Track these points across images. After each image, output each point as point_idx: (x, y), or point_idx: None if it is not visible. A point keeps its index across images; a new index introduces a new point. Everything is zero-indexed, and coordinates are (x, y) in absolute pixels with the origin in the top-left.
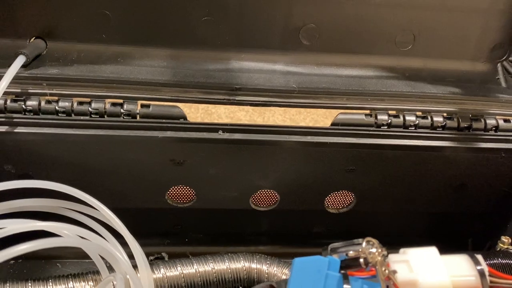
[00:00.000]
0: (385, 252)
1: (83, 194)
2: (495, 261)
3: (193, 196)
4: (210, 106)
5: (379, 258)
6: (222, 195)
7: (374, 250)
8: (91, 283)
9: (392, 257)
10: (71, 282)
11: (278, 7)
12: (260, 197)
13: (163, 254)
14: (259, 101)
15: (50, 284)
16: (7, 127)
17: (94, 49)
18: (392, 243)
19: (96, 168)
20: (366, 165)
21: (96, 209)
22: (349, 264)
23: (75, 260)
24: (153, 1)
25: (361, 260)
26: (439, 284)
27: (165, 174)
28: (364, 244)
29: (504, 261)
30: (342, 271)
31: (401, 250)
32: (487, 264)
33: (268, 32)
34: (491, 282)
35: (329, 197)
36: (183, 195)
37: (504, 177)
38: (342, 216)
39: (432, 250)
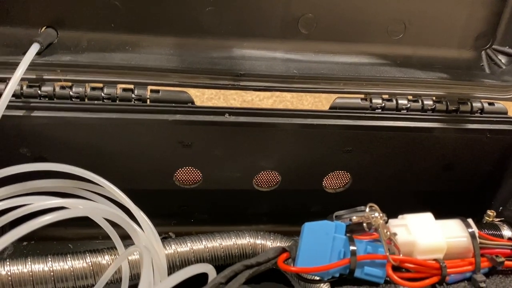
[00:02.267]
0: (385, 217)
1: (95, 176)
2: (483, 232)
3: (200, 177)
4: (215, 91)
5: (381, 221)
6: (227, 176)
7: (376, 214)
8: (107, 257)
9: (392, 221)
10: (88, 257)
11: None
12: (262, 178)
13: (171, 233)
14: (261, 86)
15: (69, 259)
16: (23, 111)
17: (104, 38)
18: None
19: (107, 151)
20: (362, 146)
21: (108, 190)
22: (353, 229)
23: (86, 241)
24: None
25: (365, 224)
26: (435, 244)
27: (174, 156)
28: (367, 209)
29: (490, 232)
30: (348, 235)
31: (400, 216)
32: None
33: (269, 21)
34: (480, 243)
35: (327, 178)
36: (190, 176)
37: (489, 156)
38: (339, 196)
39: (428, 215)
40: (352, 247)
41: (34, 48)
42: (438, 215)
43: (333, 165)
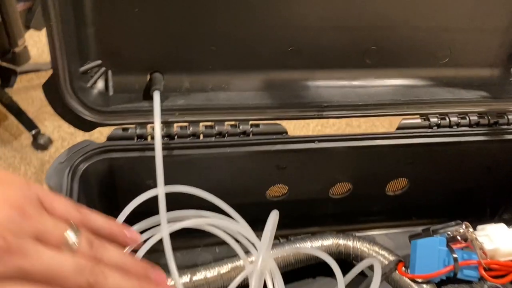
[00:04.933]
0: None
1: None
2: None
3: (286, 191)
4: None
5: (474, 236)
6: (308, 189)
7: (471, 230)
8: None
9: (476, 233)
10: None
11: (347, 35)
12: (337, 188)
13: None
14: (341, 115)
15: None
16: (143, 152)
17: (203, 79)
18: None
19: (219, 177)
20: (421, 159)
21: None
22: (450, 241)
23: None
24: (249, 37)
25: (459, 237)
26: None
27: (270, 176)
28: (463, 226)
29: None
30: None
31: (479, 226)
32: None
33: (341, 55)
34: None
35: (390, 184)
36: (279, 191)
37: None
38: (397, 198)
39: (502, 225)
40: (454, 255)
41: (157, 96)
42: (469, 211)
43: (395, 175)
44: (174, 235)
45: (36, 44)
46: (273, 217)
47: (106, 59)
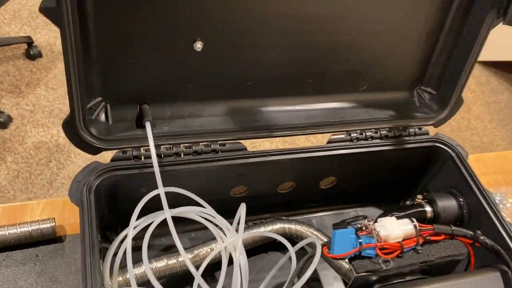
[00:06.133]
0: (373, 221)
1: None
2: (413, 210)
3: (245, 189)
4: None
5: (373, 226)
6: (262, 187)
7: (371, 222)
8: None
9: (376, 224)
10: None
11: (291, 71)
12: (284, 185)
13: None
14: (286, 134)
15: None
16: (139, 170)
17: (181, 108)
18: (355, 203)
19: (196, 184)
20: (346, 162)
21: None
22: (358, 230)
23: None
24: (217, 75)
25: (363, 228)
26: (397, 234)
27: (234, 181)
28: (366, 220)
29: (417, 210)
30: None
31: (378, 219)
32: (410, 212)
33: (286, 87)
34: (419, 229)
35: (322, 181)
36: (240, 190)
37: (417, 160)
38: (328, 190)
39: (393, 219)
40: (359, 240)
41: (149, 125)
42: (385, 198)
43: (326, 175)
44: (158, 225)
45: None
46: (243, 209)
47: (105, 96)
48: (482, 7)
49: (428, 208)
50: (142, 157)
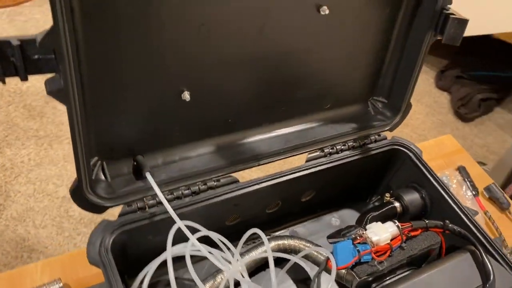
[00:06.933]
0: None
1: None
2: (386, 208)
3: (238, 217)
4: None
5: (366, 234)
6: (252, 212)
7: (364, 231)
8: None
9: (366, 232)
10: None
11: (266, 103)
12: (271, 206)
13: None
14: (272, 160)
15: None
16: (147, 220)
17: (171, 153)
18: (331, 207)
19: (198, 220)
20: (322, 177)
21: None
22: (354, 239)
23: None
24: (201, 117)
25: (358, 236)
26: (386, 237)
27: (230, 211)
28: (359, 230)
29: (389, 207)
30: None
31: (367, 226)
32: (384, 210)
33: (265, 117)
34: (402, 228)
35: (303, 194)
36: (234, 218)
37: (380, 163)
38: (307, 201)
39: (379, 224)
40: (357, 249)
41: (149, 176)
42: (355, 199)
43: (307, 189)
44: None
45: None
46: (247, 235)
47: (101, 154)
48: (421, 28)
49: (397, 204)
50: (147, 207)
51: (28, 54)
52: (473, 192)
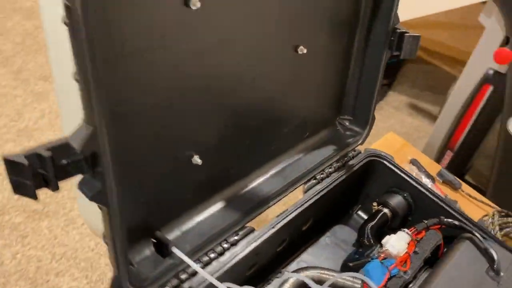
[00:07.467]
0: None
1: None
2: (379, 216)
3: (256, 263)
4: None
5: (388, 251)
6: (267, 256)
7: (383, 248)
8: None
9: (385, 247)
10: None
11: (255, 147)
12: (281, 243)
13: None
14: (277, 200)
15: None
16: None
17: (187, 217)
18: (324, 228)
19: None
20: (320, 203)
21: None
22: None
23: None
24: (209, 174)
25: (380, 254)
26: (404, 246)
27: (251, 260)
28: (379, 247)
29: (381, 215)
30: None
31: (383, 241)
32: (378, 219)
33: (260, 159)
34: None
35: (304, 225)
36: (252, 265)
37: (360, 175)
38: (306, 229)
39: (393, 236)
40: (385, 266)
41: (176, 250)
42: (341, 212)
43: (307, 220)
44: None
45: None
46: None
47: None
48: (378, 48)
49: (386, 210)
50: (180, 283)
51: (58, 162)
52: (430, 181)
